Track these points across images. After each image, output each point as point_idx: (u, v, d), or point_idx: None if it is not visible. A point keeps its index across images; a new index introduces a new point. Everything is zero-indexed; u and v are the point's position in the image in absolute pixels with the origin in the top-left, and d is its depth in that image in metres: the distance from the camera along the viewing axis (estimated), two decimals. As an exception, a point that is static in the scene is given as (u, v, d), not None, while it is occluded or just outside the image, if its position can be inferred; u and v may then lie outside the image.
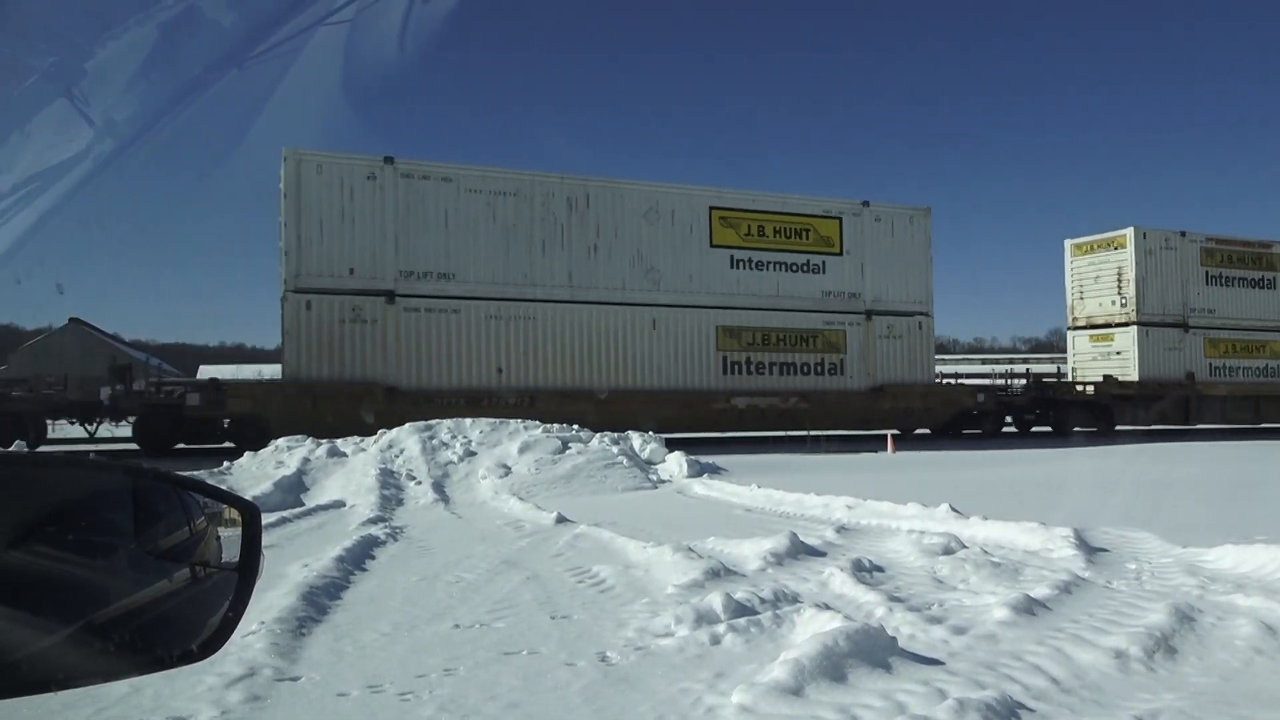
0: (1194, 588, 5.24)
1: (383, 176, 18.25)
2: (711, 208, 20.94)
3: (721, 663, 3.91)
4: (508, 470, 11.95)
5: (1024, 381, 25.93)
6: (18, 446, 13.68)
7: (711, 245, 20.83)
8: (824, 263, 21.91)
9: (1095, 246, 26.98)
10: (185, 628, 0.97)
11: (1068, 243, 27.86)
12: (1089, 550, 6.37)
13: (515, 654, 4.08)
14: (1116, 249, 26.24)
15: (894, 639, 3.97)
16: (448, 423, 14.01)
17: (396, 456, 12.45)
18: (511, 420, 14.41)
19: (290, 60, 1.77)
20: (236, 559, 1.06)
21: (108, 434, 18.70)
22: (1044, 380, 26.85)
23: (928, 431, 23.97)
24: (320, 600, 5.00)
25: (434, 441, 13.07)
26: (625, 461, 12.69)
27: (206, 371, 46.75)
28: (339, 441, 13.08)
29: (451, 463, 12.36)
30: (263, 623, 4.30)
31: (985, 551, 6.27)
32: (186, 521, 1.03)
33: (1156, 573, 5.76)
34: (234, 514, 1.08)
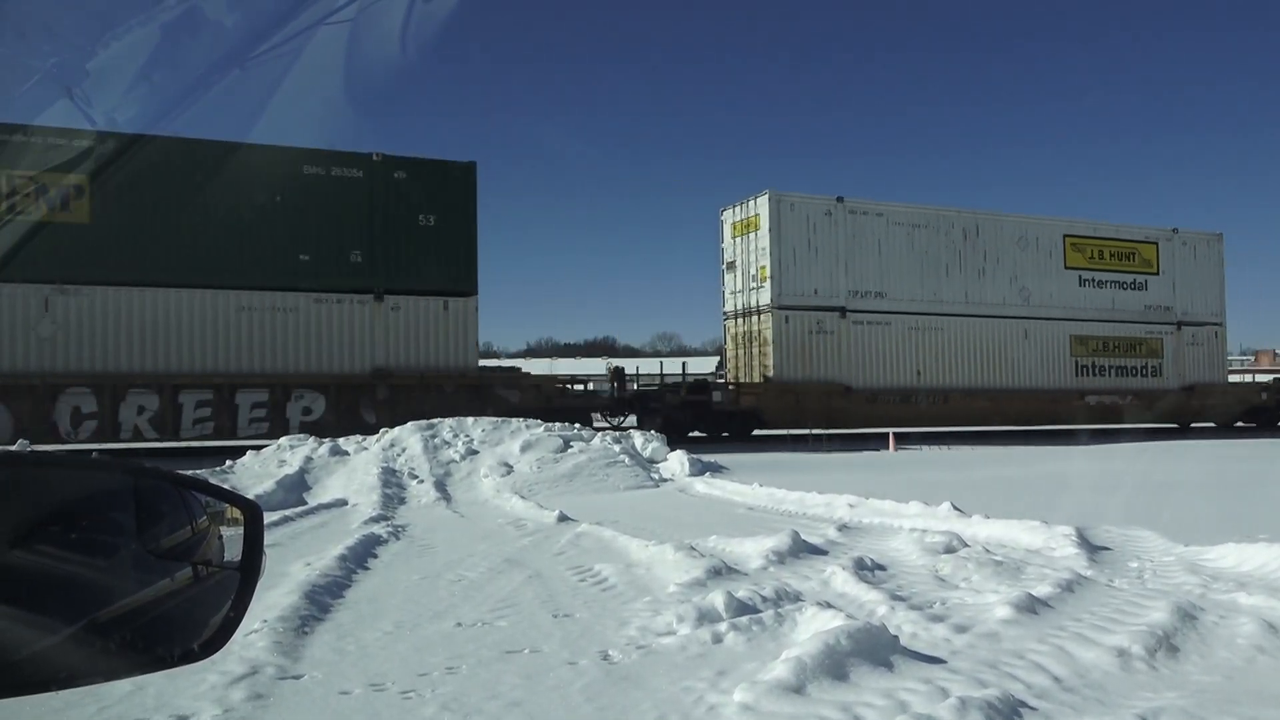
0: (1196, 586, 5.24)
1: (836, 212, 22.32)
2: (1064, 235, 25.17)
3: (723, 661, 3.91)
4: (510, 469, 11.96)
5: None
6: (20, 445, 13.70)
7: (1065, 267, 25.07)
8: (1146, 281, 26.15)
9: None
10: (187, 627, 0.97)
11: None
12: (1091, 548, 6.36)
13: (517, 653, 4.09)
14: None
15: (896, 637, 3.97)
16: (449, 421, 14.02)
17: (398, 455, 12.46)
18: (513, 419, 14.44)
19: (291, 60, 1.78)
20: (238, 558, 1.06)
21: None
22: None
23: (1213, 425, 26.62)
24: (323, 599, 5.01)
25: (436, 440, 13.08)
26: (627, 460, 12.69)
27: None
28: (341, 440, 13.09)
29: (454, 461, 12.37)
30: (265, 621, 4.31)
31: (987, 550, 6.27)
32: (188, 521, 1.03)
33: (1158, 571, 5.76)
34: (236, 513, 1.09)
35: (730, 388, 21.68)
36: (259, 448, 13.03)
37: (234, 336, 17.40)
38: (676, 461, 13.21)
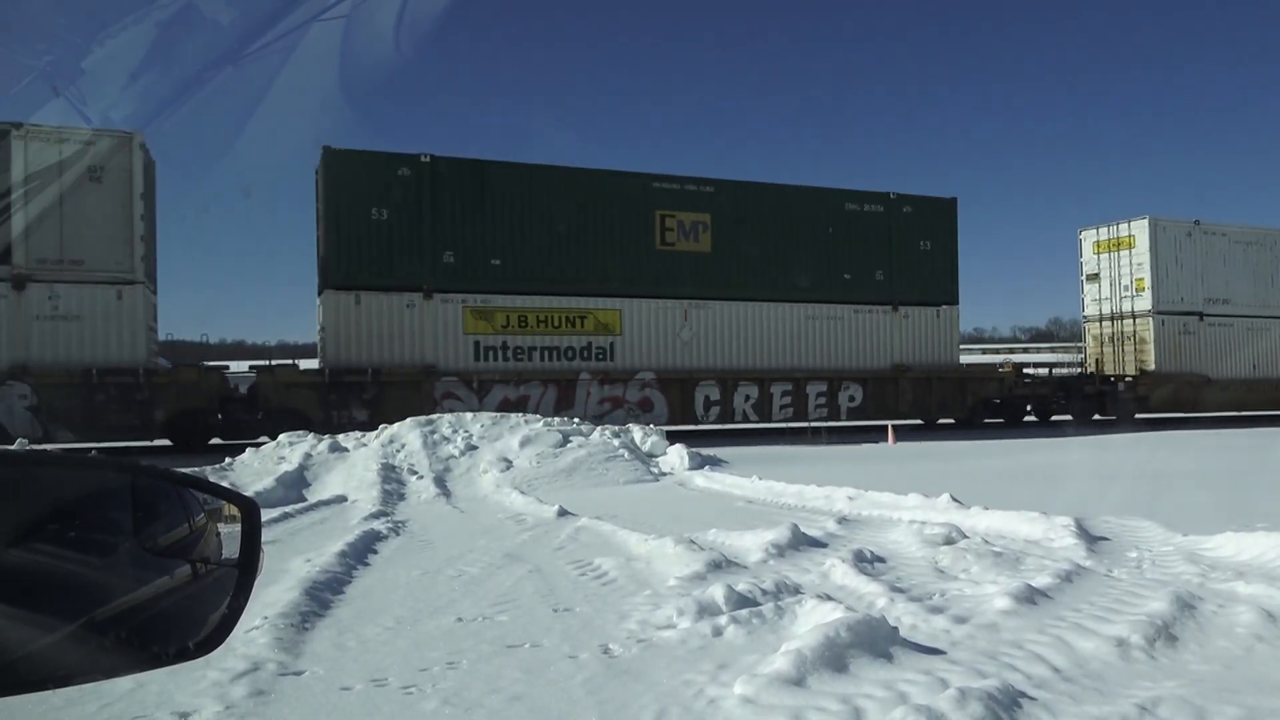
0: (1195, 575, 5.25)
1: (1194, 233, 27.09)
2: None
3: (724, 654, 3.92)
4: (509, 464, 11.96)
5: None
6: (20, 444, 13.70)
7: None
8: None
9: None
10: (186, 624, 0.98)
11: None
12: (1090, 539, 6.38)
13: (518, 647, 4.10)
14: None
15: (895, 629, 3.98)
16: (449, 417, 14.03)
17: (398, 451, 12.46)
18: (513, 414, 14.45)
19: (285, 57, 1.77)
20: (236, 555, 1.06)
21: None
22: None
23: None
24: (323, 595, 5.02)
25: (435, 436, 13.08)
26: (626, 454, 12.70)
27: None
28: (340, 437, 13.11)
29: (453, 457, 12.37)
30: (266, 617, 4.32)
31: (986, 541, 6.28)
32: (186, 518, 1.03)
33: (1157, 561, 5.78)
34: (234, 510, 1.09)
35: (1128, 379, 26.27)
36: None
37: (804, 340, 22.42)
38: (675, 455, 13.22)
